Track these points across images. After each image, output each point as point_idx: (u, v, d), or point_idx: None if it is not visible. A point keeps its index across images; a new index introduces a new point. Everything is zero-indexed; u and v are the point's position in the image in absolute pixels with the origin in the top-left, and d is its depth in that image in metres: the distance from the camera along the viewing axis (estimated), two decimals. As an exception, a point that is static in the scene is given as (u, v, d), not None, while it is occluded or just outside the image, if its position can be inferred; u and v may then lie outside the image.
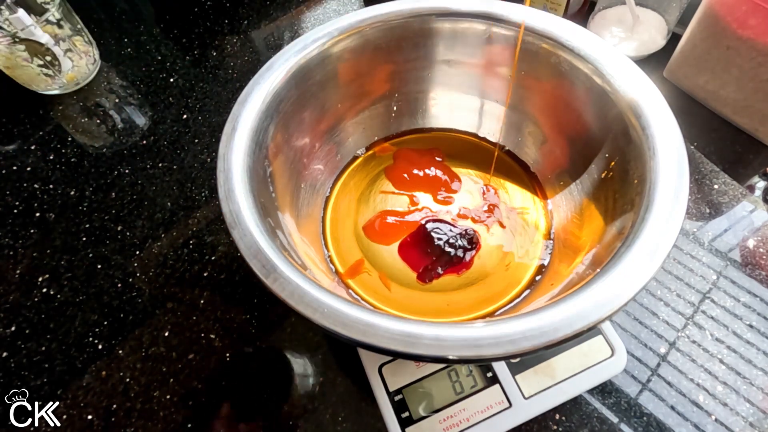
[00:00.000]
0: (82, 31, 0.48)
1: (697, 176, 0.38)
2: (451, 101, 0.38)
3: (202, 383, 0.31)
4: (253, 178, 0.25)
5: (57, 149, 0.44)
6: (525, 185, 0.36)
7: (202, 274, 0.36)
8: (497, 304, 0.31)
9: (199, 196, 0.40)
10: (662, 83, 0.45)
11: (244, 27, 0.54)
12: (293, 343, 0.33)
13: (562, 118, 0.32)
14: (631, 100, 0.26)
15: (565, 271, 0.29)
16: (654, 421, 0.29)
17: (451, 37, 0.33)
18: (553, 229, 0.34)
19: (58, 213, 0.40)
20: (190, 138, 0.44)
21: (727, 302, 0.33)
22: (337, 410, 0.30)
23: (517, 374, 0.28)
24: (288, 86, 0.29)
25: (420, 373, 0.29)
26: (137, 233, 0.38)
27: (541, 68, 0.31)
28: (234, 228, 0.23)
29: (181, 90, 0.48)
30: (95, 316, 0.34)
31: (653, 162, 0.23)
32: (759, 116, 0.39)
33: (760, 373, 0.30)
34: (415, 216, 0.35)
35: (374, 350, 0.20)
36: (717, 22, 0.38)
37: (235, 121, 0.26)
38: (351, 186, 0.37)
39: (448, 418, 0.27)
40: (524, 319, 0.19)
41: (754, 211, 0.36)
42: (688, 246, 0.35)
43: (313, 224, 0.34)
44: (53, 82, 0.46)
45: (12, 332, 0.34)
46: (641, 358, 0.31)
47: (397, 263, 0.33)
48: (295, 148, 0.32)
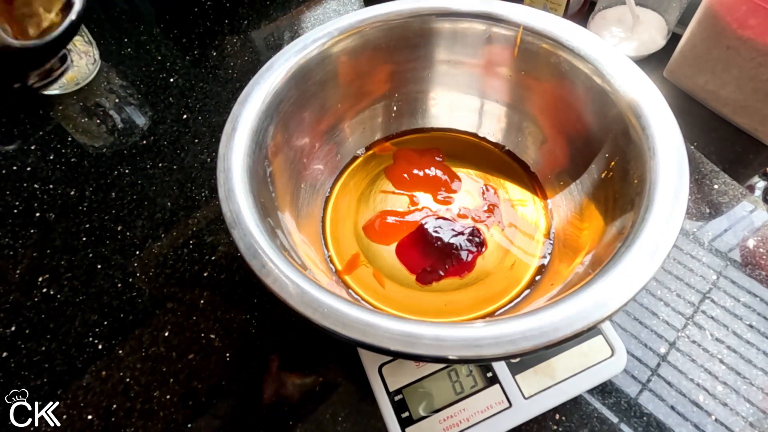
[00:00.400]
0: (82, 31, 0.48)
1: (697, 176, 0.38)
2: (451, 101, 0.38)
3: (202, 383, 0.31)
4: (253, 178, 0.25)
5: (57, 149, 0.44)
6: (525, 185, 0.36)
7: (202, 274, 0.36)
8: (497, 304, 0.31)
9: (199, 196, 0.40)
10: (662, 83, 0.45)
11: (244, 27, 0.54)
12: (293, 343, 0.33)
13: (562, 118, 0.32)
14: (631, 100, 0.26)
15: (565, 271, 0.29)
16: (654, 421, 0.29)
17: (451, 37, 0.33)
18: (553, 229, 0.34)
19: (58, 213, 0.40)
20: (190, 138, 0.44)
21: (727, 302, 0.33)
22: (337, 410, 0.30)
23: (517, 374, 0.28)
24: (288, 86, 0.29)
25: (420, 373, 0.29)
26: (137, 233, 0.38)
27: (541, 68, 0.31)
28: (234, 228, 0.23)
29: (181, 90, 0.48)
30: (95, 316, 0.34)
31: (653, 162, 0.23)
32: (759, 116, 0.39)
33: (760, 373, 0.30)
34: (415, 216, 0.35)
35: (374, 350, 0.20)
36: (717, 22, 0.38)
37: (235, 121, 0.26)
38: (351, 186, 0.37)
39: (448, 418, 0.27)
40: (524, 319, 0.19)
41: (754, 211, 0.36)
42: (688, 246, 0.35)
43: (313, 224, 0.34)
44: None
45: (12, 332, 0.34)
46: (641, 358, 0.31)
47: (397, 263, 0.33)
48: (295, 148, 0.32)
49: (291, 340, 0.33)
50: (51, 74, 0.20)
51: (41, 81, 0.20)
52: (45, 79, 0.20)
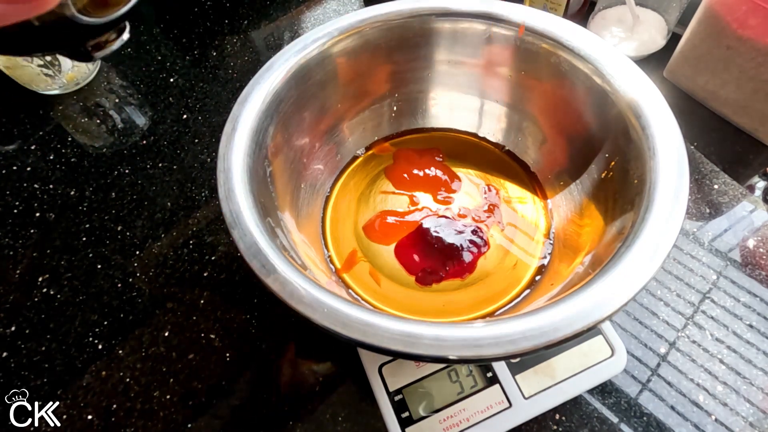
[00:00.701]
0: (82, 31, 0.48)
1: (697, 176, 0.38)
2: (451, 101, 0.38)
3: (202, 383, 0.31)
4: (253, 178, 0.25)
5: (57, 149, 0.44)
6: (525, 185, 0.36)
7: (202, 274, 0.36)
8: (497, 304, 0.31)
9: (199, 196, 0.40)
10: (662, 83, 0.45)
11: (244, 27, 0.54)
12: (293, 343, 0.33)
13: (562, 118, 0.32)
14: (631, 100, 0.26)
15: (565, 271, 0.29)
16: (654, 421, 0.29)
17: (451, 37, 0.33)
18: (553, 229, 0.34)
19: (58, 213, 0.40)
20: (190, 138, 0.44)
21: (727, 302, 0.32)
22: (337, 410, 0.30)
23: (517, 374, 0.28)
24: (288, 86, 0.29)
25: (420, 373, 0.29)
26: (137, 233, 0.38)
27: (541, 68, 0.31)
28: (234, 228, 0.23)
29: (181, 90, 0.48)
30: (95, 316, 0.34)
31: (653, 162, 0.23)
32: (759, 116, 0.39)
33: (760, 373, 0.30)
34: (415, 216, 0.35)
35: (374, 350, 0.20)
36: (717, 22, 0.38)
37: (235, 121, 0.26)
38: (351, 186, 0.37)
39: (448, 418, 0.27)
40: (524, 319, 0.19)
41: (754, 211, 0.36)
42: (688, 246, 0.35)
43: (313, 224, 0.34)
44: (53, 82, 0.46)
45: (12, 332, 0.34)
46: (641, 358, 0.31)
47: (397, 263, 0.33)
48: (295, 148, 0.32)
49: (291, 339, 0.33)
50: (105, 45, 0.21)
51: (98, 50, 0.21)
52: (101, 48, 0.21)
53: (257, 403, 0.31)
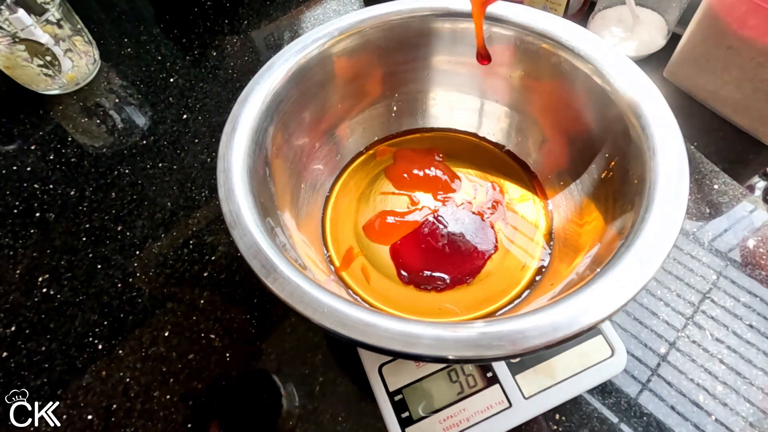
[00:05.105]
0: (82, 31, 0.48)
1: (697, 176, 0.38)
2: (451, 101, 0.38)
3: (202, 383, 0.31)
4: (253, 178, 0.25)
5: (57, 149, 0.44)
6: (525, 185, 0.36)
7: (202, 274, 0.36)
8: (497, 304, 0.31)
9: (199, 196, 0.40)
10: (662, 83, 0.45)
11: (244, 27, 0.54)
12: (293, 343, 0.33)
13: (562, 118, 0.32)
14: (631, 100, 0.26)
15: (565, 271, 0.29)
16: (654, 421, 0.29)
17: (451, 37, 0.33)
18: (553, 229, 0.34)
19: (58, 213, 0.40)
20: (190, 138, 0.44)
21: (727, 302, 0.32)
22: (337, 410, 0.30)
23: (517, 374, 0.28)
24: (288, 86, 0.29)
25: (420, 373, 0.29)
26: (137, 233, 0.38)
27: (541, 68, 0.31)
28: (234, 228, 0.23)
29: (181, 90, 0.48)
30: (95, 316, 0.34)
31: (653, 162, 0.23)
32: (759, 116, 0.39)
33: (760, 373, 0.30)
34: (415, 216, 0.35)
35: (374, 350, 0.20)
36: (717, 22, 0.38)
37: (235, 121, 0.26)
38: (351, 186, 0.37)
39: (448, 418, 0.27)
40: (524, 319, 0.19)
41: (754, 211, 0.36)
42: (688, 246, 0.35)
43: (313, 224, 0.34)
44: (53, 82, 0.46)
45: (12, 332, 0.34)
46: (641, 358, 0.31)
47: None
48: (295, 148, 0.32)
49: (291, 340, 0.33)
50: None
51: None
52: None
53: (257, 403, 0.31)
